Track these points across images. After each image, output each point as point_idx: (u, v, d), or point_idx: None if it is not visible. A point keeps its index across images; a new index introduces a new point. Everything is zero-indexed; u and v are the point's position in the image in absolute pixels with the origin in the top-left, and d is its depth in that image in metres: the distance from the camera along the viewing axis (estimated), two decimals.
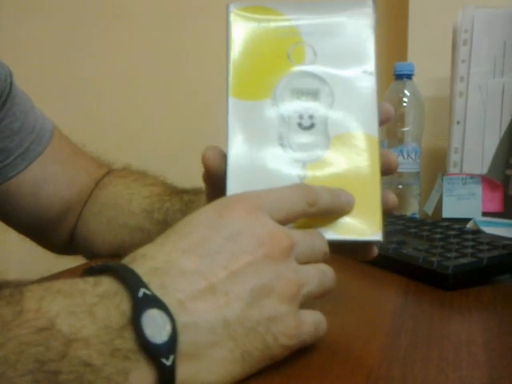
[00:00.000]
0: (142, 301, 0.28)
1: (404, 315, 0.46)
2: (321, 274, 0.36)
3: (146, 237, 0.59)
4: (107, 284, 0.29)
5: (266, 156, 0.41)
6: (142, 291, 0.28)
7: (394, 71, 0.93)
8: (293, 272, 0.34)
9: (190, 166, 0.43)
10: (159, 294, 0.29)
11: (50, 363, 0.25)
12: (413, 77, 0.92)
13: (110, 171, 0.68)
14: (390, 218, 0.77)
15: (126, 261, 0.32)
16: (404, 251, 0.58)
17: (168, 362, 0.28)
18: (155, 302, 0.29)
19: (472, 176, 0.93)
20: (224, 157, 0.42)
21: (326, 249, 0.38)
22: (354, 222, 0.40)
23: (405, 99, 0.92)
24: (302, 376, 0.34)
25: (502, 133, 0.91)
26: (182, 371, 0.29)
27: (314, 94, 0.43)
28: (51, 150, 0.62)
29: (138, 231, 0.61)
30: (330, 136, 0.42)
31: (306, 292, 0.35)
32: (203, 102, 1.25)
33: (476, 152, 0.92)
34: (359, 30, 0.45)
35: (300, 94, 0.43)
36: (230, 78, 0.43)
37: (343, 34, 0.45)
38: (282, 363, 0.35)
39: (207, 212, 0.35)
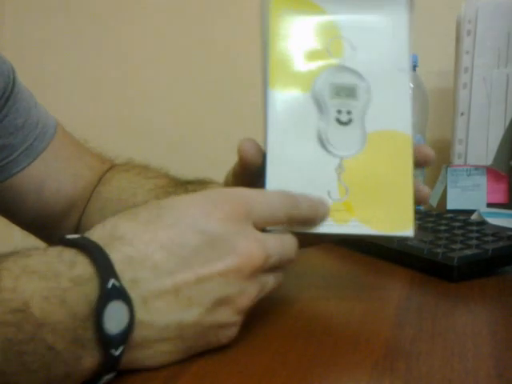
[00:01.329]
0: (109, 292, 0.29)
1: (409, 307, 0.46)
2: (277, 279, 0.38)
3: None
4: (82, 268, 0.30)
5: (304, 150, 0.42)
6: (111, 282, 0.29)
7: None
8: (256, 288, 0.36)
9: (193, 160, 0.43)
10: (128, 286, 0.30)
11: (19, 344, 0.27)
12: (416, 68, 0.92)
13: (112, 166, 0.68)
14: None
15: (103, 239, 0.32)
16: (409, 243, 0.58)
17: (116, 353, 0.30)
18: (122, 295, 0.30)
19: (476, 167, 0.92)
20: (259, 150, 0.42)
21: (293, 257, 0.40)
22: (388, 217, 0.41)
23: None
24: (306, 368, 0.34)
25: (507, 124, 0.90)
26: (128, 357, 0.31)
27: (352, 90, 0.44)
28: (54, 146, 0.62)
29: None
30: (367, 132, 0.43)
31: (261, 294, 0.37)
32: (207, 96, 1.25)
33: (480, 143, 0.92)
34: (395, 27, 0.45)
35: (339, 89, 0.44)
36: (270, 70, 0.43)
37: (379, 29, 0.45)
38: (286, 356, 0.35)
39: (195, 206, 0.35)
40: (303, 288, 0.51)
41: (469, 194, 0.92)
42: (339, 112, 0.43)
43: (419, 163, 0.45)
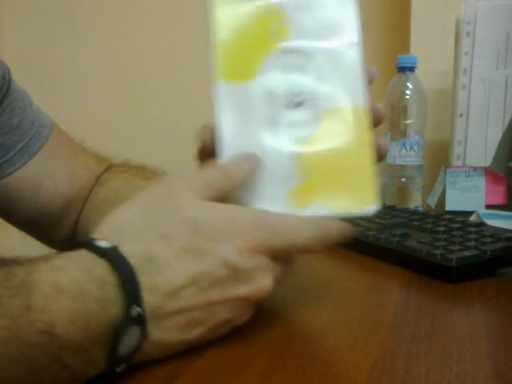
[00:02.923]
0: (132, 319, 0.30)
1: (407, 308, 0.46)
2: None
3: None
4: (111, 290, 0.30)
5: (258, 139, 0.41)
6: (136, 310, 0.31)
7: (396, 64, 0.93)
8: (251, 310, 0.38)
9: (190, 160, 0.43)
10: (148, 313, 0.32)
11: (41, 366, 0.28)
12: (415, 69, 0.92)
13: (109, 166, 0.68)
14: (394, 210, 0.77)
15: (135, 258, 0.32)
16: (407, 244, 0.58)
17: (119, 369, 0.31)
18: (140, 322, 0.31)
19: (475, 168, 0.92)
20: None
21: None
22: (348, 196, 0.40)
23: (407, 92, 0.92)
24: (305, 369, 0.34)
25: (506, 125, 0.90)
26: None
27: (301, 70, 0.43)
28: (50, 145, 0.62)
29: None
30: (320, 111, 0.42)
31: None
32: (202, 95, 1.25)
33: (479, 144, 0.92)
34: (342, 2, 0.44)
35: (287, 71, 0.43)
36: (216, 61, 0.42)
37: (326, 6, 0.44)
38: (285, 356, 0.35)
39: (230, 239, 0.35)
40: (301, 288, 0.51)
41: (467, 195, 0.92)
42: (290, 95, 0.43)
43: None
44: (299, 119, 0.42)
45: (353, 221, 0.40)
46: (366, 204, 0.41)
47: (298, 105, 0.42)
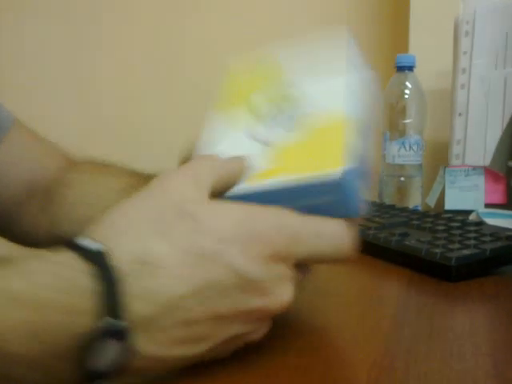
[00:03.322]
0: (103, 333, 0.26)
1: (407, 307, 0.46)
2: None
3: None
4: (85, 300, 0.27)
5: (234, 137, 0.40)
6: (107, 322, 0.27)
7: (395, 63, 0.93)
8: (266, 327, 0.34)
9: None
10: (138, 322, 0.28)
11: None
12: (414, 69, 0.92)
13: (74, 164, 0.67)
14: (393, 210, 0.77)
15: (127, 264, 0.28)
16: (407, 243, 0.58)
17: None
18: (120, 336, 0.27)
19: (474, 168, 0.92)
20: None
21: None
22: (316, 166, 0.36)
23: (406, 91, 0.92)
24: (306, 367, 0.34)
25: (505, 124, 0.90)
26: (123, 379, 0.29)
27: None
28: (11, 138, 0.62)
29: None
30: (296, 116, 0.41)
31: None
32: (203, 98, 1.25)
33: (478, 144, 0.92)
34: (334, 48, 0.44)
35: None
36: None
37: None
38: (286, 354, 0.35)
39: (237, 240, 0.30)
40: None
41: (467, 194, 0.92)
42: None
43: None
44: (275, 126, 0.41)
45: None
46: (334, 168, 0.35)
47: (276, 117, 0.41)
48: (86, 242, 0.28)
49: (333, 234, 0.34)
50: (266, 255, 0.30)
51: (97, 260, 0.27)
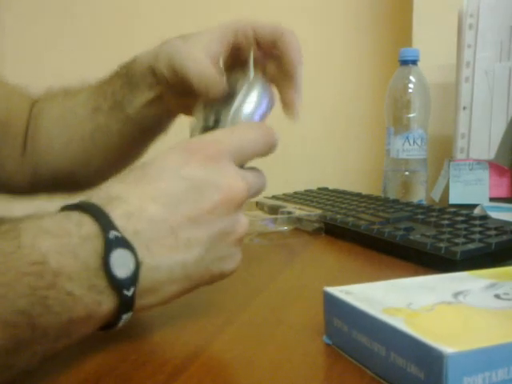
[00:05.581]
0: (112, 242, 0.33)
1: None
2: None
3: (107, 134, 0.58)
4: (88, 226, 0.33)
5: None
6: (113, 234, 0.33)
7: (399, 57, 0.92)
8: (243, 217, 0.40)
9: None
10: (130, 238, 0.34)
11: (41, 290, 0.30)
12: (418, 62, 0.92)
13: (38, 98, 0.66)
14: (398, 204, 0.77)
15: (102, 200, 0.35)
16: (412, 237, 0.58)
17: (129, 293, 0.33)
18: (124, 244, 0.33)
19: (479, 162, 0.92)
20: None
21: (265, 188, 0.44)
22: None
23: (410, 85, 0.91)
24: (312, 363, 0.34)
25: (509, 117, 0.90)
26: (141, 301, 0.35)
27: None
28: None
29: (98, 132, 0.59)
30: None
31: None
32: None
33: (483, 137, 0.92)
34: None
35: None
36: None
37: None
38: (291, 349, 0.35)
39: (174, 157, 0.38)
40: (306, 282, 0.51)
41: (471, 188, 0.92)
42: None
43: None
44: None
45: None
46: None
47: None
48: (70, 202, 0.35)
49: (251, 131, 0.42)
50: (205, 158, 0.38)
51: (81, 205, 0.34)
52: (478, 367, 0.26)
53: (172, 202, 0.36)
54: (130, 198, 0.35)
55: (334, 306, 0.35)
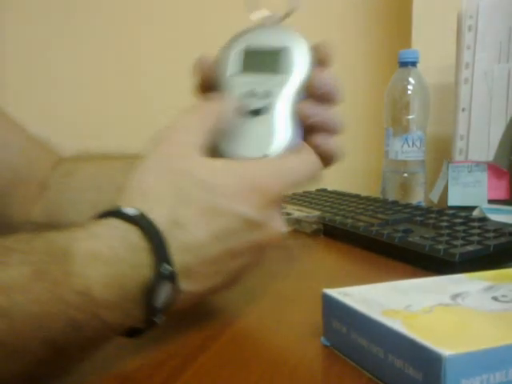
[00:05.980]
0: (162, 276, 0.33)
1: None
2: None
3: None
4: (143, 255, 0.33)
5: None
6: (165, 268, 0.33)
7: (398, 59, 0.92)
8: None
9: None
10: (180, 271, 0.34)
11: (79, 321, 0.30)
12: (417, 64, 0.92)
13: (66, 158, 0.65)
14: (396, 206, 0.77)
15: (164, 224, 0.34)
16: (410, 239, 0.58)
17: (158, 320, 0.34)
18: (172, 277, 0.34)
19: (478, 163, 0.92)
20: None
21: None
22: None
23: (409, 87, 0.91)
24: (307, 365, 0.34)
25: (508, 119, 0.90)
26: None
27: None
28: None
29: None
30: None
31: None
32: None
33: (481, 139, 0.92)
34: None
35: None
36: None
37: None
38: (290, 352, 0.35)
39: (240, 195, 0.38)
40: (304, 283, 0.51)
41: (470, 190, 0.92)
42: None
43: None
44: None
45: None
46: None
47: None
48: (126, 210, 0.35)
49: (303, 165, 0.42)
50: (265, 201, 0.38)
51: (144, 224, 0.34)
52: (476, 369, 0.26)
53: (225, 238, 0.37)
54: (193, 229, 0.36)
55: (332, 307, 0.35)
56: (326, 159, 0.45)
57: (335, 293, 0.36)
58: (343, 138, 0.45)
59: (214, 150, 0.41)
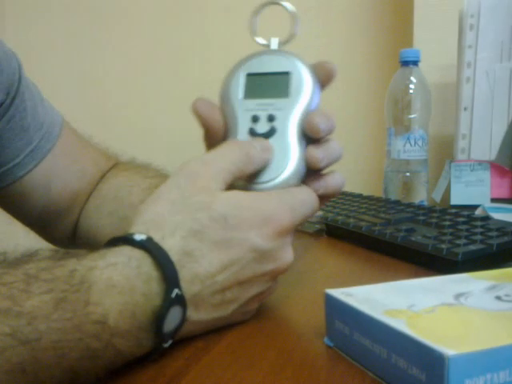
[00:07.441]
0: (172, 301, 0.34)
1: None
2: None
3: None
4: (155, 284, 0.34)
5: None
6: (175, 293, 0.34)
7: (399, 58, 0.92)
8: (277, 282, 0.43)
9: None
10: (189, 298, 0.35)
11: (95, 351, 0.31)
12: (419, 63, 0.92)
13: (116, 164, 0.67)
14: (399, 205, 0.77)
15: (175, 254, 0.35)
16: (413, 239, 0.58)
17: (166, 345, 0.35)
18: (180, 303, 0.35)
19: (480, 162, 0.92)
20: (213, 106, 0.44)
21: None
22: None
23: (411, 86, 0.91)
24: (310, 364, 0.34)
25: (510, 118, 0.90)
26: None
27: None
28: (61, 144, 0.62)
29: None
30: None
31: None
32: (207, 95, 1.25)
33: (484, 138, 0.92)
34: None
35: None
36: None
37: None
38: (291, 353, 0.35)
39: (255, 227, 0.38)
40: (307, 283, 0.51)
41: (472, 189, 0.92)
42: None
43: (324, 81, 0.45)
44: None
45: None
46: None
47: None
48: (140, 237, 0.35)
49: (310, 199, 0.42)
50: (277, 232, 0.39)
51: (157, 254, 0.35)
52: (480, 369, 0.26)
53: (235, 269, 0.37)
54: (204, 261, 0.36)
55: (335, 307, 0.35)
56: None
57: (338, 293, 0.36)
58: (345, 138, 0.45)
59: None
